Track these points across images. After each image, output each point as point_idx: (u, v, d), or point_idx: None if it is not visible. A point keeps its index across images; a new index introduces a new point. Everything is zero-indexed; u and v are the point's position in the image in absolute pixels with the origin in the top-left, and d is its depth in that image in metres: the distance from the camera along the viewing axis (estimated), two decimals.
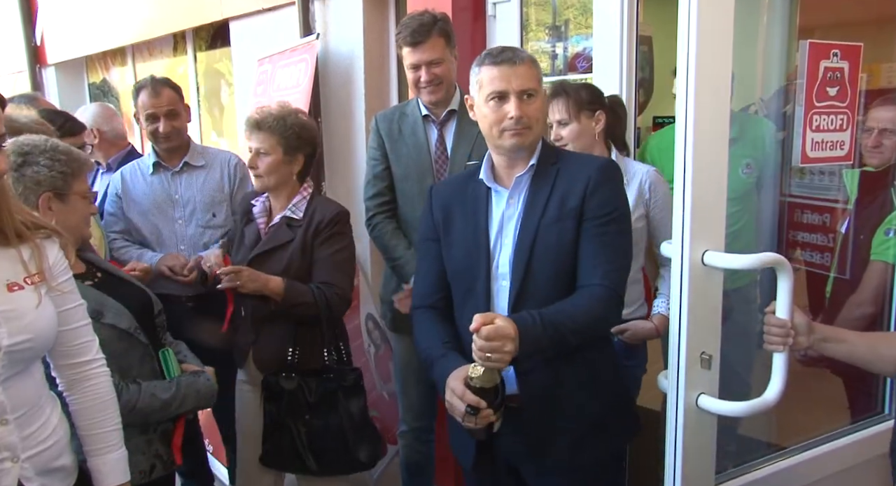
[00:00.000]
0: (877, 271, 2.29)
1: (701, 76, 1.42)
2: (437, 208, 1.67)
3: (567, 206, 1.52)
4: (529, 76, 1.52)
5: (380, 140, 2.39)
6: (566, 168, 1.56)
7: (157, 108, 2.48)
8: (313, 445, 2.03)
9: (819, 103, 1.66)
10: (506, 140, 1.53)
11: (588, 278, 1.51)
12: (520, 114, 1.50)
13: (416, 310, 1.69)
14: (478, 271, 1.58)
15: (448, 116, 2.33)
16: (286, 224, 2.09)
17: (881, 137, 2.29)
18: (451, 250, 1.63)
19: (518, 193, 1.59)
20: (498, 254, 1.59)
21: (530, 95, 1.52)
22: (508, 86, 1.50)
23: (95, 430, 1.46)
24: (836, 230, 2.55)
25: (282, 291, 2.00)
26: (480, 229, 1.59)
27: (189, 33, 4.59)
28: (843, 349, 1.46)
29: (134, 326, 1.73)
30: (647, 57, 4.51)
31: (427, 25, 2.21)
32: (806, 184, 2.68)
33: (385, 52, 3.20)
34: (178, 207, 2.56)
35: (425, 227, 1.71)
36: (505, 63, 1.51)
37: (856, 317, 2.31)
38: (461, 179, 1.71)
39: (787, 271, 1.47)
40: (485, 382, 1.41)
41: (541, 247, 1.52)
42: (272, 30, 3.59)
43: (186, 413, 1.83)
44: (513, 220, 1.58)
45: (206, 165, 2.61)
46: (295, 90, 3.13)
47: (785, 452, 1.91)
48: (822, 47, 1.64)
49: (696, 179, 1.47)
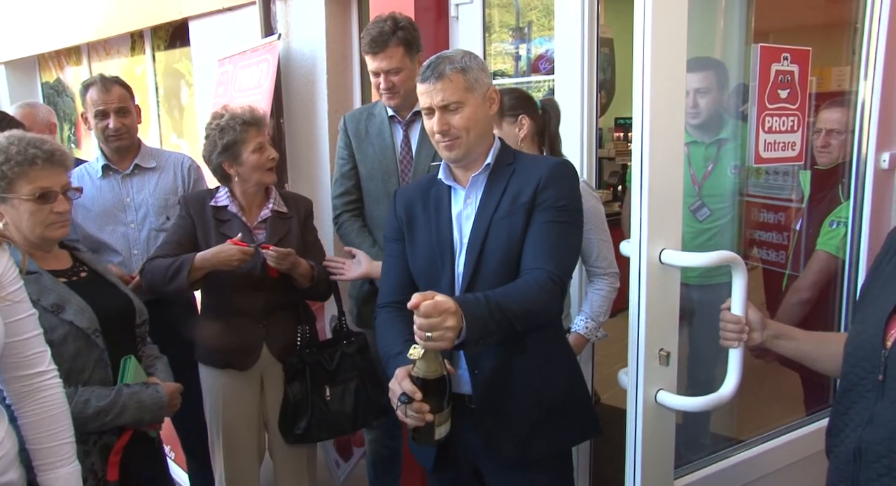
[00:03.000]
0: (819, 259, 2.37)
1: (656, 78, 1.45)
2: (401, 209, 1.70)
3: (519, 201, 1.55)
4: (452, 89, 1.54)
5: (347, 140, 2.41)
6: (522, 168, 1.60)
7: (107, 104, 2.41)
8: (343, 407, 2.22)
9: (771, 105, 1.70)
10: (441, 151, 1.60)
11: (531, 262, 1.50)
12: (441, 128, 1.55)
13: (380, 309, 1.68)
14: (441, 269, 1.60)
15: (413, 117, 2.34)
16: (277, 217, 2.22)
17: (829, 138, 2.38)
18: (414, 250, 1.66)
19: (475, 192, 1.62)
20: (459, 252, 1.61)
21: (455, 107, 1.54)
22: (431, 101, 1.55)
23: (46, 443, 1.41)
24: (791, 229, 2.62)
25: (308, 272, 2.16)
26: (442, 228, 1.62)
27: (147, 32, 4.50)
28: (792, 346, 1.50)
29: (94, 328, 1.68)
30: (609, 58, 4.57)
31: (386, 34, 2.21)
32: (762, 184, 2.75)
33: (348, 53, 3.19)
34: (129, 211, 2.48)
35: (389, 228, 1.73)
36: (425, 81, 1.56)
37: (794, 303, 2.39)
38: (425, 181, 1.74)
39: (741, 269, 1.51)
40: (427, 371, 1.33)
41: (492, 242, 1.55)
42: (233, 30, 3.54)
43: (131, 426, 1.75)
44: (470, 219, 1.61)
45: (157, 168, 2.54)
46: (256, 91, 3.09)
47: (742, 445, 1.95)
48: (773, 51, 1.69)
49: (654, 179, 1.49)
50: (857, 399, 1.27)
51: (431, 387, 1.35)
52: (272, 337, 2.20)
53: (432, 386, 1.35)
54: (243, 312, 2.16)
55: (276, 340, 2.21)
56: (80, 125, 5.60)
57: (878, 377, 1.21)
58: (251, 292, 2.14)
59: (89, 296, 1.71)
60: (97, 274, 1.83)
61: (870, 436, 1.22)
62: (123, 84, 2.50)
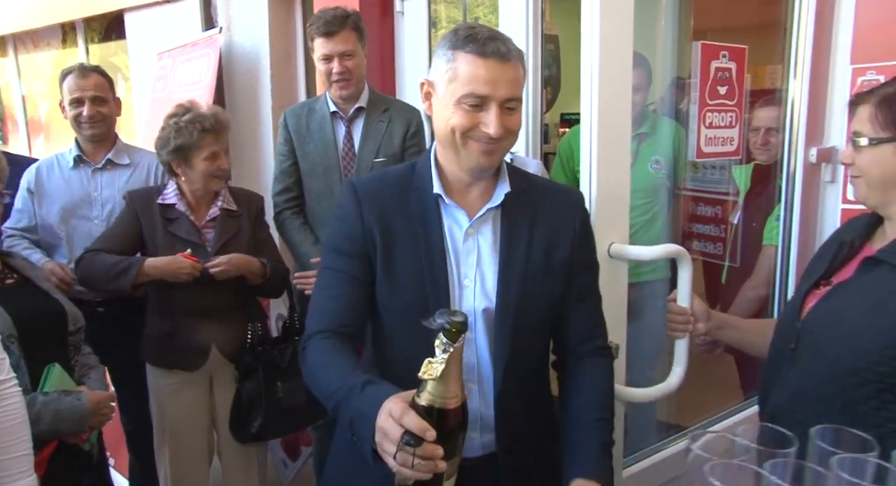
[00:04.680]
0: (768, 255, 2.47)
1: (604, 77, 1.48)
2: (371, 219, 1.25)
3: (554, 257, 1.27)
4: (518, 80, 1.19)
5: (287, 136, 2.37)
6: (541, 201, 1.30)
7: (83, 91, 2.32)
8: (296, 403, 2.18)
9: (711, 101, 1.76)
10: (473, 156, 1.20)
11: (583, 331, 1.33)
12: (501, 131, 1.17)
13: (312, 338, 1.23)
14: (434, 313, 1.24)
15: (356, 113, 2.32)
16: (227, 216, 2.18)
17: (768, 136, 2.48)
18: (395, 282, 1.24)
19: (487, 226, 1.27)
20: (458, 295, 1.25)
21: (516, 105, 1.20)
22: (493, 91, 1.15)
23: (5, 455, 1.35)
24: (728, 221, 2.72)
25: (260, 270, 2.12)
26: (436, 260, 1.23)
27: (80, 24, 4.32)
28: (735, 335, 1.57)
29: (9, 334, 1.59)
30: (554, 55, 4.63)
31: (341, 18, 2.21)
32: (699, 178, 2.85)
33: (292, 48, 3.13)
34: (95, 207, 2.39)
35: (343, 237, 1.27)
36: (494, 57, 1.15)
37: (750, 299, 2.48)
38: (394, 181, 1.31)
39: (687, 262, 1.56)
40: (446, 395, 0.94)
41: (531, 304, 1.25)
42: (171, 23, 3.44)
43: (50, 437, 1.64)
44: (473, 255, 1.26)
45: (131, 165, 2.45)
46: (197, 86, 3.01)
47: (688, 431, 2.02)
48: (712, 48, 1.75)
49: (601, 175, 1.53)
50: (776, 368, 1.36)
51: (449, 421, 0.95)
52: (222, 336, 2.16)
53: (450, 419, 0.95)
54: (193, 311, 2.11)
55: (226, 339, 2.17)
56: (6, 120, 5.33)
57: (791, 346, 1.30)
58: (201, 291, 2.09)
59: (12, 302, 1.63)
60: (26, 280, 1.76)
61: (779, 400, 1.31)
62: (103, 73, 2.41)
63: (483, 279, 1.25)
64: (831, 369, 1.22)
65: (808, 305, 1.32)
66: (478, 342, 1.25)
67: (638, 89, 2.49)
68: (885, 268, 1.22)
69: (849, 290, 1.25)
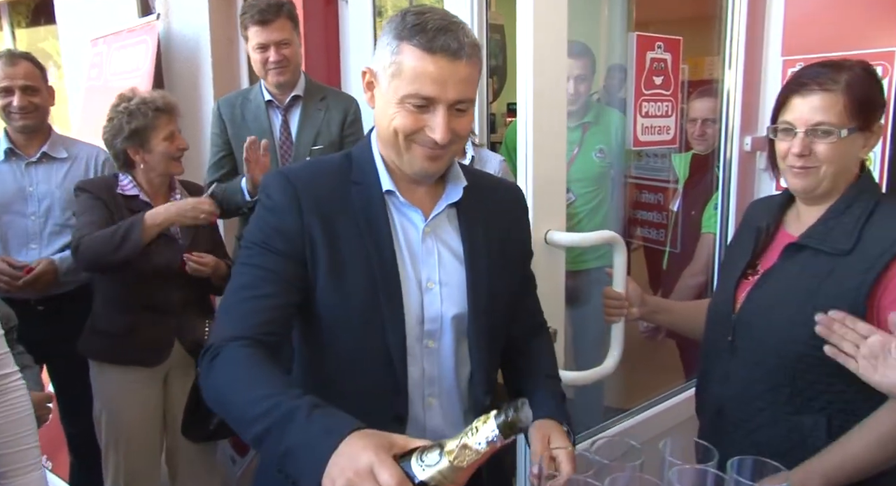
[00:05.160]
0: (707, 242, 2.54)
1: (538, 70, 1.49)
2: (310, 212, 1.10)
3: (509, 255, 1.22)
4: (471, 79, 1.06)
5: (222, 125, 2.34)
6: (489, 197, 1.23)
7: (12, 79, 2.20)
8: None
9: (647, 91, 1.80)
10: (416, 161, 1.09)
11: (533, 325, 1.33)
12: (448, 136, 1.05)
13: (227, 346, 1.01)
14: (387, 315, 1.10)
15: (293, 102, 2.31)
16: None
17: (704, 127, 2.55)
18: (342, 284, 1.10)
19: (441, 225, 1.18)
20: (420, 299, 1.13)
21: (467, 106, 1.08)
22: (441, 93, 1.03)
23: (14, 448, 1.33)
24: (669, 209, 2.79)
25: (226, 273, 2.08)
26: (386, 260, 1.11)
27: (3, 6, 4.12)
28: (668, 319, 1.62)
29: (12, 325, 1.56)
30: (500, 45, 4.65)
31: (275, 6, 2.18)
32: (643, 166, 2.92)
33: (233, 36, 3.06)
34: (31, 202, 2.27)
35: (275, 231, 1.10)
36: (443, 54, 1.02)
37: (691, 286, 2.55)
38: (329, 173, 1.17)
39: (621, 248, 1.59)
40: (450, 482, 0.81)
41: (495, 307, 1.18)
42: (104, 7, 3.31)
43: None
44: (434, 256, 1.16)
45: (69, 158, 2.34)
46: (135, 74, 2.92)
47: (629, 413, 2.07)
48: (647, 39, 1.78)
49: (538, 164, 1.55)
50: (715, 360, 1.39)
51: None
52: (184, 332, 2.11)
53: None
54: (155, 306, 2.05)
55: (187, 334, 2.11)
56: None
57: (728, 338, 1.34)
58: (165, 286, 2.04)
59: None
60: None
61: (727, 392, 1.35)
62: (34, 60, 2.29)
63: (448, 283, 1.15)
64: (777, 358, 1.25)
65: (740, 295, 1.35)
66: (443, 352, 1.15)
67: (582, 79, 2.52)
68: (809, 252, 1.26)
69: (778, 278, 1.29)
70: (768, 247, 1.37)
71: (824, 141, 1.23)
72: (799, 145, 1.24)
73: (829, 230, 1.25)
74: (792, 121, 1.26)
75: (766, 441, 1.28)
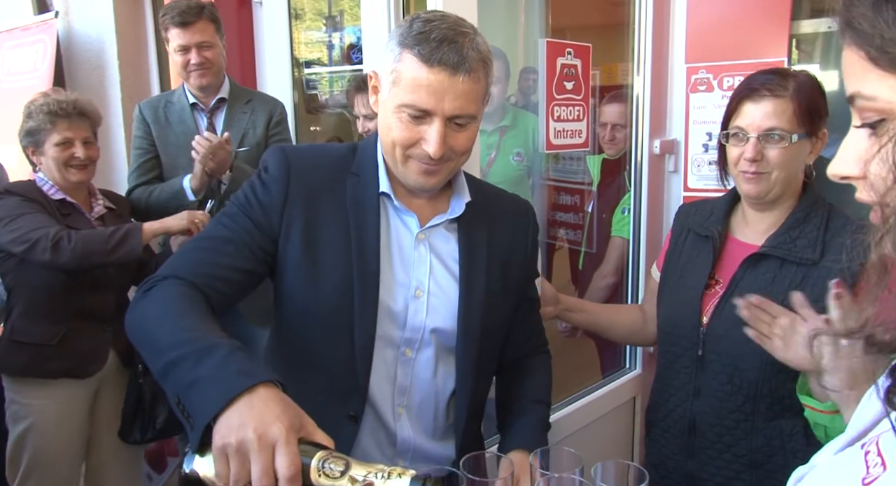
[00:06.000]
0: (616, 245, 2.62)
1: None
2: (297, 187, 1.09)
3: (510, 276, 1.19)
4: (473, 94, 1.02)
5: (147, 128, 2.29)
6: (495, 213, 1.20)
7: None
8: None
9: (558, 96, 1.84)
10: (411, 175, 1.07)
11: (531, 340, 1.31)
12: (442, 151, 1.02)
13: (165, 280, 0.99)
14: (358, 311, 1.07)
15: (218, 104, 2.30)
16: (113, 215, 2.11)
17: (614, 131, 2.64)
18: (316, 270, 1.08)
19: (437, 235, 1.15)
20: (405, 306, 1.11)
21: (467, 122, 1.04)
22: (437, 105, 1.00)
23: None
24: (584, 210, 2.87)
25: None
26: (368, 254, 1.08)
27: None
28: (583, 318, 1.65)
29: None
30: None
31: (196, 8, 2.17)
32: (560, 168, 2.99)
33: (142, 35, 2.95)
34: None
35: (258, 200, 1.09)
36: (442, 67, 0.98)
37: (601, 287, 2.63)
38: (332, 160, 1.15)
39: None
40: None
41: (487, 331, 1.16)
42: None
43: None
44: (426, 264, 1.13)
45: None
46: (32, 75, 2.76)
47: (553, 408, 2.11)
48: (558, 46, 1.82)
49: None
50: (676, 375, 1.38)
51: None
52: (119, 340, 2.04)
53: None
54: (89, 314, 1.98)
55: (122, 342, 2.04)
56: None
57: (698, 352, 1.33)
58: (97, 292, 1.97)
59: None
60: None
61: (700, 408, 1.34)
62: None
63: (437, 295, 1.12)
64: (758, 370, 1.24)
65: (706, 307, 1.33)
66: (419, 363, 1.13)
67: (497, 82, 2.57)
68: (773, 262, 1.26)
69: (749, 289, 1.25)
70: (721, 256, 1.36)
71: (776, 146, 1.24)
72: (752, 150, 1.25)
73: (793, 240, 1.26)
74: (744, 126, 1.27)
75: (746, 453, 1.28)
